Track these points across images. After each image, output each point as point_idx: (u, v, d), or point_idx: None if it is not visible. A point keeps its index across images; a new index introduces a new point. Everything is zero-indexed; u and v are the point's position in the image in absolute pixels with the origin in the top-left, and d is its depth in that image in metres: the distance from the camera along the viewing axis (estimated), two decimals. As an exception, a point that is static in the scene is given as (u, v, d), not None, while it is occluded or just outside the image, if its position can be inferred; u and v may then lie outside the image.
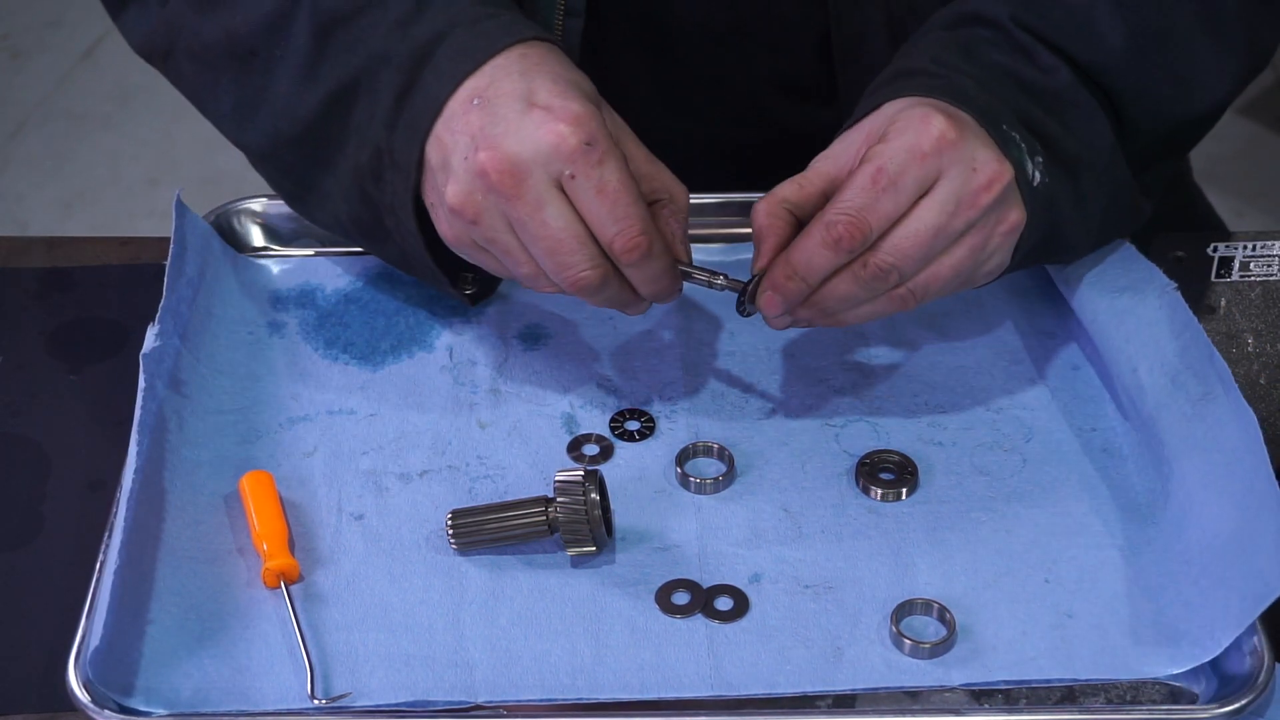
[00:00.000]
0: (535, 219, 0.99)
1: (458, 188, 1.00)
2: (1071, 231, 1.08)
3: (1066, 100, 1.07)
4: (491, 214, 1.00)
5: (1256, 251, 1.22)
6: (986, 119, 1.02)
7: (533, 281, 1.03)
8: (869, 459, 1.06)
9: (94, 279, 1.22)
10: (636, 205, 1.00)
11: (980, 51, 1.08)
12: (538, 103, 1.00)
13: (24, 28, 3.08)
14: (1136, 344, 1.07)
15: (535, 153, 0.98)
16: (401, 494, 1.05)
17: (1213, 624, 0.94)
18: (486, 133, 0.99)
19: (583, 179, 0.99)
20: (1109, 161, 1.09)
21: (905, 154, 0.99)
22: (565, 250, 1.00)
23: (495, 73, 1.02)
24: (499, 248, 1.02)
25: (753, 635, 0.97)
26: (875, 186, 0.98)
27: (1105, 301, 1.10)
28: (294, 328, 1.16)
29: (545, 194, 0.99)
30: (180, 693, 0.94)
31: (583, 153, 0.98)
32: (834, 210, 0.99)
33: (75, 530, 1.04)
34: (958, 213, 1.00)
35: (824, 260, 0.99)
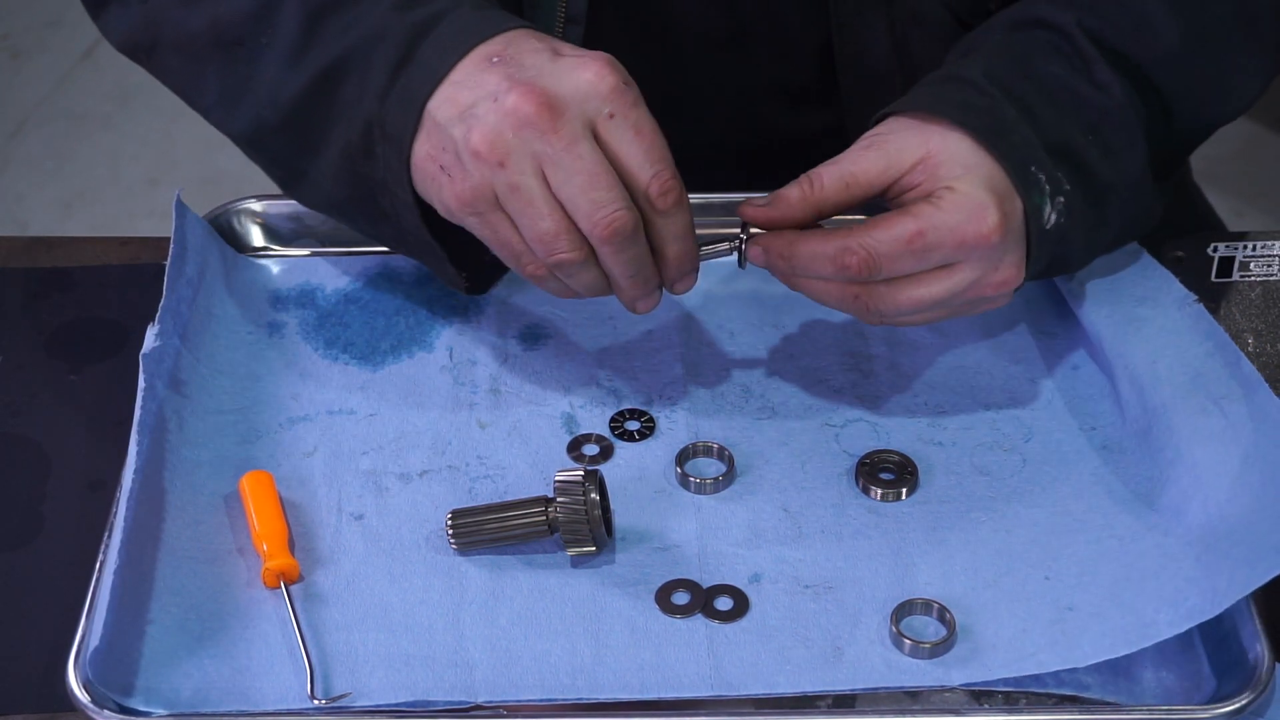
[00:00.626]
0: (572, 153, 0.97)
1: (484, 130, 0.98)
2: (1080, 254, 1.09)
3: (1115, 122, 1.07)
4: (521, 155, 0.98)
5: (1256, 251, 1.22)
6: (1016, 160, 1.02)
7: (547, 243, 0.99)
8: (869, 459, 1.06)
9: (94, 279, 1.22)
10: (667, 150, 0.99)
11: (1037, 63, 1.07)
12: (565, 53, 0.99)
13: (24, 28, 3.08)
14: (1158, 344, 1.07)
15: (574, 90, 0.98)
16: (401, 494, 1.05)
17: (1214, 589, 0.94)
18: (517, 77, 0.98)
19: (620, 118, 0.98)
20: (1138, 187, 1.09)
21: (949, 233, 1.00)
22: (602, 184, 0.97)
23: (510, 38, 1.01)
24: (522, 198, 0.98)
25: (752, 635, 0.97)
26: (909, 245, 0.99)
27: (1122, 310, 1.10)
28: (294, 328, 1.16)
29: (581, 131, 0.97)
30: (180, 693, 0.94)
31: (621, 91, 0.98)
32: (857, 240, 1.00)
33: (75, 530, 1.04)
34: (965, 293, 1.02)
35: (823, 269, 1.01)
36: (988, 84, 1.05)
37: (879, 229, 1.00)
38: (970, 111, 1.03)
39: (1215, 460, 1.00)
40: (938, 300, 1.02)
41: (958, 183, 1.01)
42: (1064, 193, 1.04)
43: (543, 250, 0.99)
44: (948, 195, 1.00)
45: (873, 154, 1.03)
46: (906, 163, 1.02)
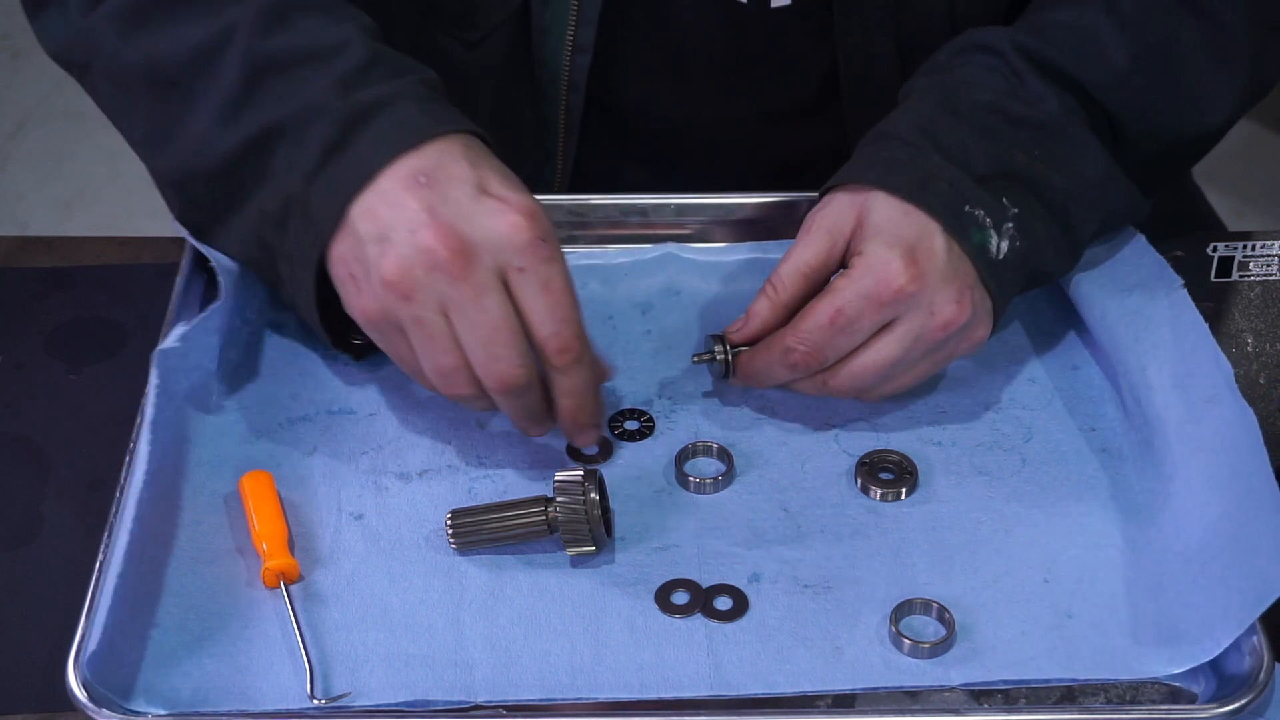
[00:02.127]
0: (477, 304, 0.97)
1: (397, 261, 0.98)
2: (1057, 263, 1.10)
3: (1054, 132, 1.08)
4: (427, 293, 0.98)
5: (1256, 251, 1.22)
6: (946, 204, 1.04)
7: (444, 376, 1.00)
8: (868, 459, 1.06)
9: (94, 279, 1.22)
10: (575, 310, 1.00)
11: (963, 96, 1.09)
12: (491, 192, 0.99)
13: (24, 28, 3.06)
14: (1146, 344, 1.07)
15: (488, 239, 0.98)
16: (401, 494, 1.05)
17: (1212, 624, 0.94)
18: (437, 211, 0.98)
19: (530, 273, 0.98)
20: (1102, 186, 1.10)
21: (864, 300, 1.02)
22: (501, 340, 0.98)
23: (440, 156, 1.00)
24: (424, 331, 0.99)
25: (752, 635, 0.97)
26: (833, 326, 1.03)
27: (1115, 301, 1.10)
28: (294, 328, 1.16)
29: (490, 281, 0.98)
30: (180, 692, 0.94)
31: (535, 246, 0.98)
32: (792, 337, 1.03)
33: (75, 530, 1.04)
34: (915, 346, 1.04)
35: (783, 374, 1.05)
36: (915, 134, 1.07)
37: (806, 319, 1.03)
38: (893, 169, 1.05)
39: (1206, 474, 1.00)
40: (894, 360, 1.04)
41: (866, 245, 1.04)
42: (1012, 218, 1.06)
43: (438, 382, 1.01)
44: (857, 262, 1.04)
45: (817, 237, 1.06)
46: (844, 234, 1.05)
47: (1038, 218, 1.07)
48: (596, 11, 1.20)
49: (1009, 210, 1.06)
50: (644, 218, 1.22)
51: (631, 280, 1.19)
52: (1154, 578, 0.99)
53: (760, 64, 1.26)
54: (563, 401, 1.02)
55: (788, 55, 1.25)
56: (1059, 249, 1.09)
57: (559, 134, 1.27)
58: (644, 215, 1.22)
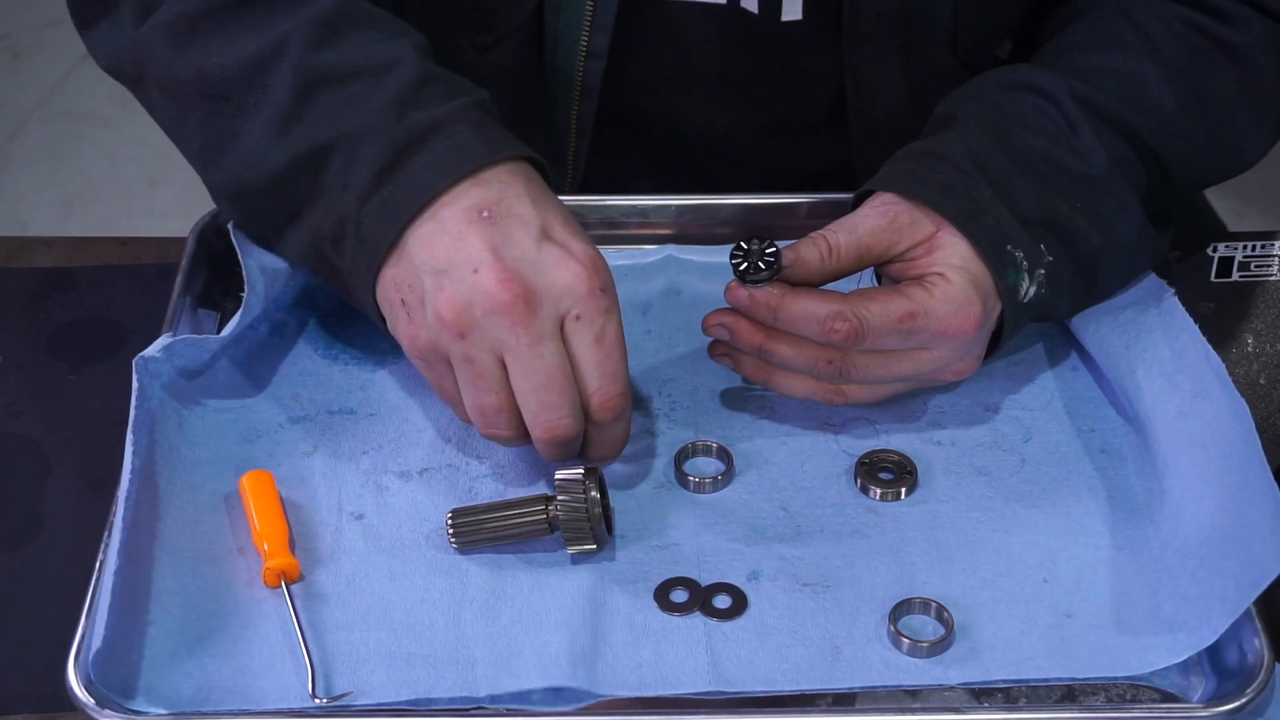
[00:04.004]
0: (534, 351, 0.97)
1: (454, 298, 0.98)
2: (1065, 312, 1.11)
3: (1100, 188, 1.08)
4: (484, 334, 0.98)
5: (1256, 251, 1.22)
6: (989, 242, 1.04)
7: (485, 416, 1.00)
8: (868, 458, 1.06)
9: (94, 279, 1.22)
10: (625, 365, 1.00)
11: (1017, 137, 1.08)
12: (554, 237, 0.99)
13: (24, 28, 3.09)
14: (1136, 350, 1.07)
15: (551, 287, 0.98)
16: (401, 492, 1.05)
17: (1209, 612, 0.94)
18: (501, 254, 0.97)
19: (586, 324, 0.98)
20: (1134, 247, 1.10)
21: (937, 321, 1.02)
22: (556, 390, 0.98)
23: (503, 190, 1.00)
24: (473, 370, 0.99)
25: (751, 633, 0.97)
26: (899, 325, 1.02)
27: (1109, 316, 1.10)
28: (294, 328, 1.16)
29: (549, 330, 0.98)
30: (181, 692, 0.94)
31: (595, 297, 0.98)
32: (851, 308, 1.01)
33: (75, 530, 1.04)
34: (928, 375, 1.05)
35: (806, 327, 1.02)
36: (967, 163, 1.06)
37: (875, 303, 1.02)
38: (946, 194, 1.05)
39: (1200, 468, 1.00)
40: (903, 376, 1.05)
41: (951, 273, 1.03)
42: (1045, 265, 1.06)
43: (478, 420, 1.01)
44: (940, 283, 1.03)
45: (884, 225, 1.05)
46: (914, 239, 1.04)
47: (1066, 270, 1.07)
48: (611, 19, 1.20)
49: (1044, 258, 1.06)
50: (644, 219, 1.23)
51: (632, 281, 1.19)
52: (1152, 574, 0.99)
53: (769, 77, 1.26)
54: (594, 450, 1.02)
55: (796, 69, 1.25)
56: (1074, 301, 1.10)
57: (570, 140, 1.27)
58: (644, 216, 1.23)
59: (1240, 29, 1.13)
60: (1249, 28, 1.13)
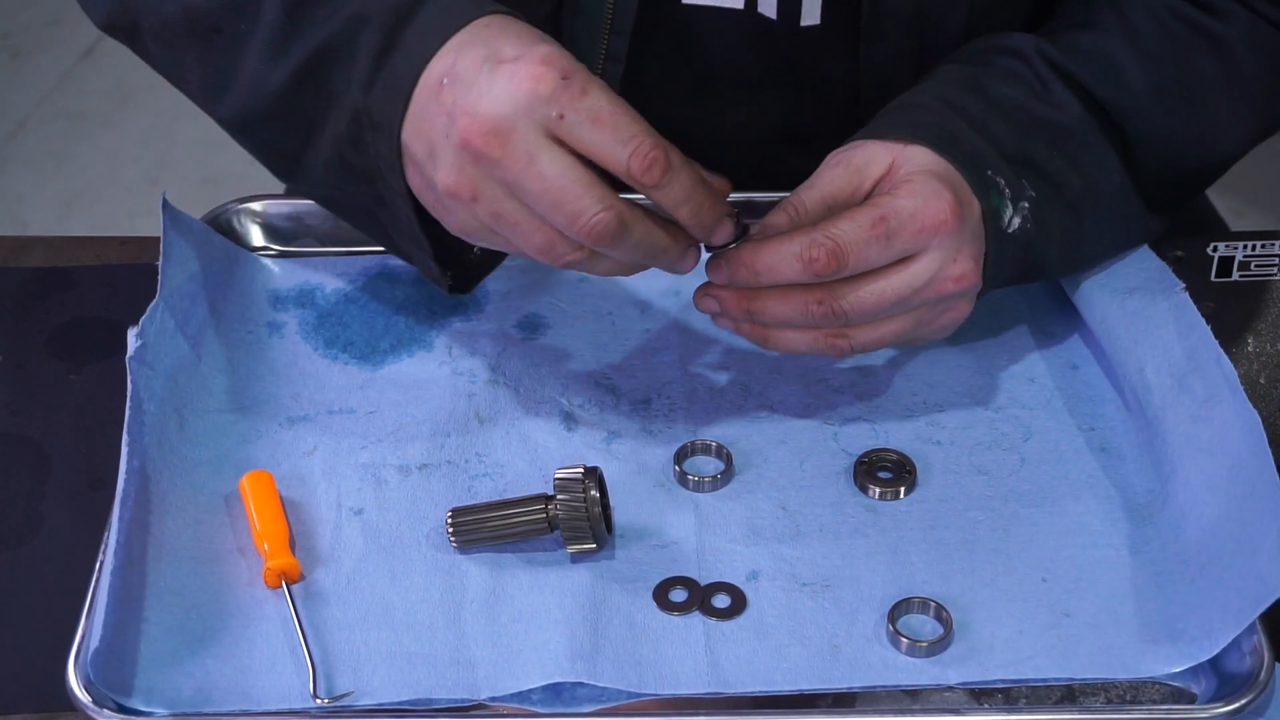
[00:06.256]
0: (530, 173, 0.94)
1: (447, 169, 0.97)
2: (1057, 265, 1.10)
3: (1076, 137, 1.08)
4: (488, 184, 0.96)
5: (1256, 251, 1.22)
6: (971, 163, 1.04)
7: (545, 253, 0.97)
8: (867, 458, 1.07)
9: (94, 279, 1.22)
10: (638, 121, 0.96)
11: (989, 87, 1.09)
12: (504, 58, 0.96)
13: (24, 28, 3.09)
14: (1145, 345, 1.07)
15: (514, 104, 0.94)
16: (401, 488, 1.05)
17: (1210, 623, 0.94)
18: (460, 103, 0.96)
19: (572, 115, 0.94)
20: (1118, 198, 1.10)
21: (910, 216, 1.00)
22: (570, 197, 0.94)
23: (460, 48, 0.98)
24: (506, 222, 0.97)
25: (750, 633, 0.97)
26: (872, 231, 1.00)
27: (1115, 303, 1.10)
28: (294, 328, 1.16)
29: (535, 145, 0.94)
30: (181, 692, 0.94)
31: (562, 88, 0.94)
32: (823, 232, 1.00)
33: (75, 530, 1.04)
34: (921, 290, 1.02)
35: (788, 271, 1.00)
36: (939, 104, 1.07)
37: (843, 220, 1.00)
38: (919, 128, 1.05)
39: (1206, 474, 1.00)
40: (900, 295, 1.02)
41: (915, 175, 1.02)
42: (1028, 199, 1.05)
43: (547, 259, 0.98)
44: (904, 185, 1.02)
45: (842, 172, 1.04)
46: (875, 174, 1.04)
47: (1054, 210, 1.06)
48: (630, 22, 1.19)
49: (1027, 191, 1.05)
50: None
51: (632, 280, 1.19)
52: (1152, 577, 0.99)
53: (785, 81, 1.26)
54: (681, 211, 0.97)
55: (813, 73, 1.25)
56: (1066, 247, 1.09)
57: None
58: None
59: (1226, 21, 1.13)
60: (1235, 21, 1.13)
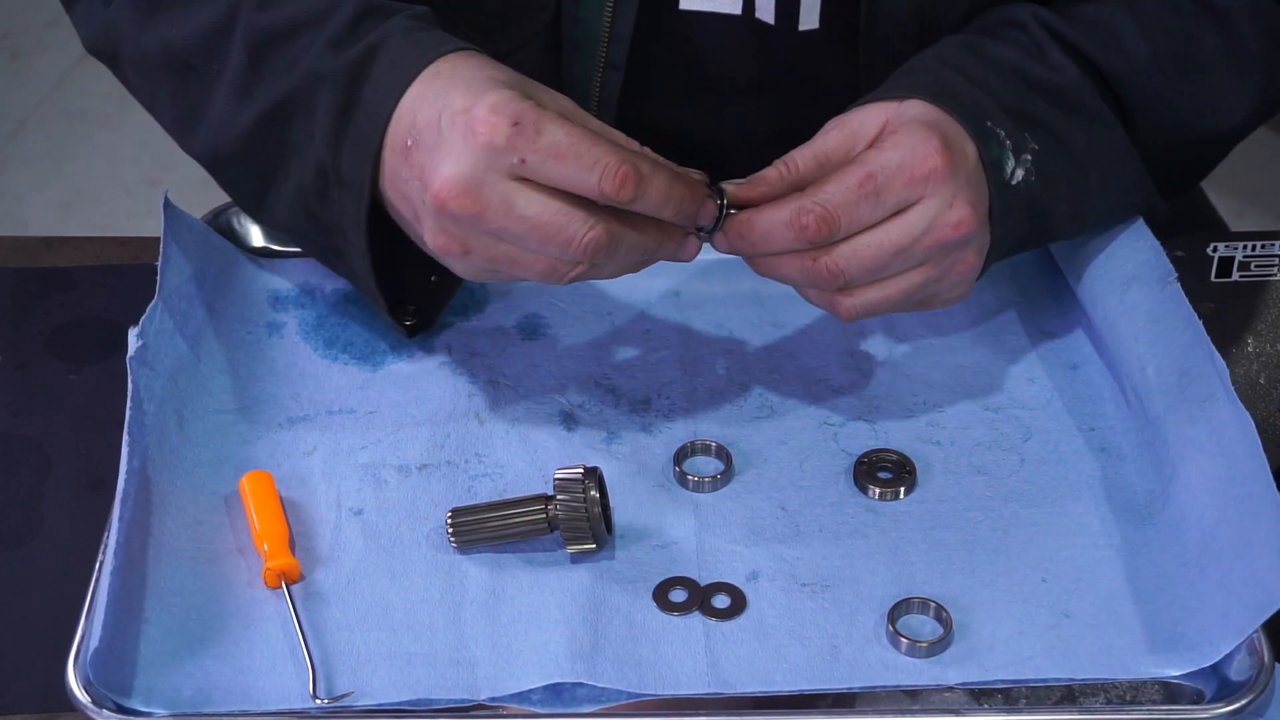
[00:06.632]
0: (511, 219, 0.96)
1: (432, 231, 0.99)
2: (1065, 223, 1.09)
3: (1072, 99, 1.08)
4: (475, 237, 0.98)
5: (1256, 251, 1.22)
6: (969, 114, 1.04)
7: (553, 274, 0.99)
8: (867, 458, 1.06)
9: (94, 279, 1.22)
10: (599, 144, 0.97)
11: (987, 49, 1.09)
12: (455, 111, 0.98)
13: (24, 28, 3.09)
14: (1145, 343, 1.07)
15: (474, 161, 0.96)
16: (400, 488, 1.05)
17: (1212, 630, 0.94)
18: (426, 167, 0.98)
19: (532, 157, 0.96)
20: (1123, 156, 1.10)
21: (897, 169, 1.00)
22: (555, 228, 0.96)
23: (415, 105, 1.00)
24: (504, 262, 0.99)
25: (750, 633, 0.97)
26: (860, 190, 0.99)
27: (1115, 296, 1.10)
28: (294, 328, 1.16)
29: (507, 192, 0.96)
30: (181, 693, 0.94)
31: (515, 134, 0.96)
32: (810, 199, 1.00)
33: (75, 530, 1.04)
34: (920, 240, 1.01)
35: (782, 240, 1.00)
36: (937, 64, 1.07)
37: (830, 182, 1.00)
38: (916, 85, 1.05)
39: (1205, 475, 1.00)
40: (901, 247, 1.00)
41: (901, 127, 1.02)
42: (1030, 150, 1.05)
43: (555, 280, 1.00)
44: (890, 138, 1.02)
45: (836, 133, 1.04)
46: (869, 133, 1.03)
47: (1058, 163, 1.06)
48: (629, 30, 1.19)
49: (1029, 144, 1.05)
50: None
51: (632, 280, 1.18)
52: (1152, 578, 0.99)
53: (785, 86, 1.26)
54: (664, 215, 0.99)
55: (812, 78, 1.25)
56: (1073, 203, 1.08)
57: None
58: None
59: None
60: None
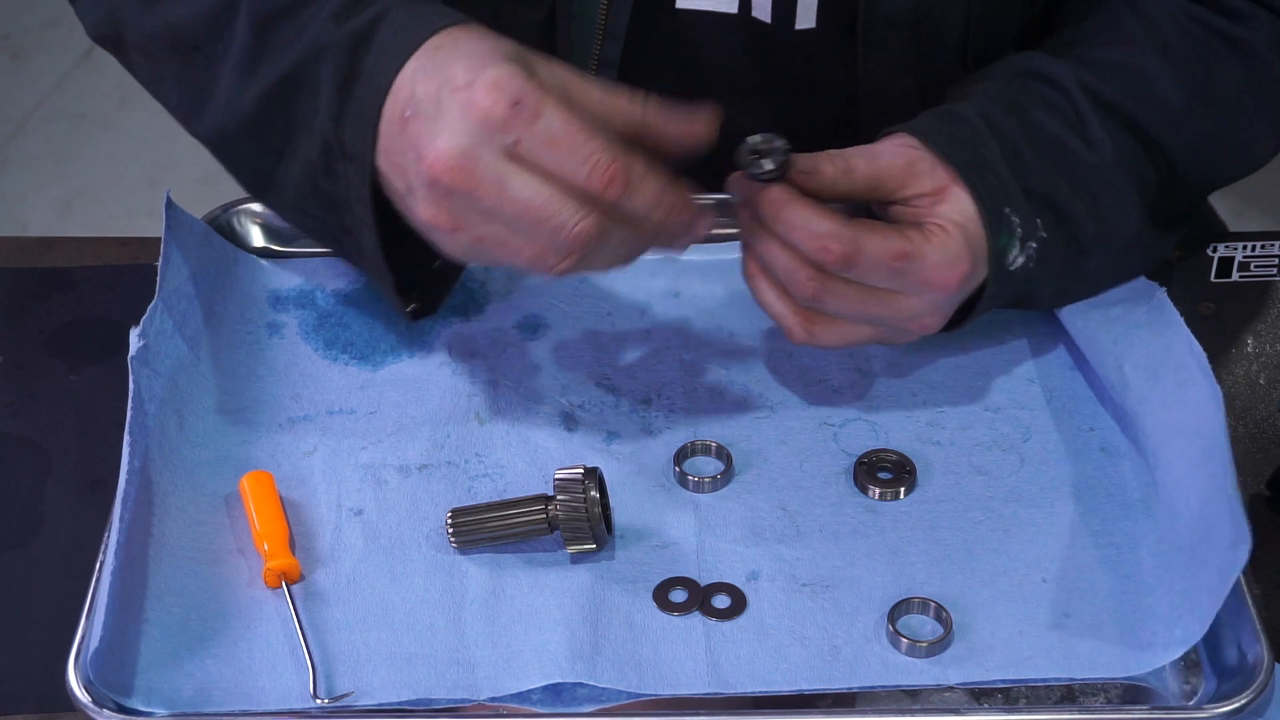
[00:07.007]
0: (503, 199, 0.95)
1: (424, 205, 0.97)
2: (1048, 300, 1.11)
3: (1103, 179, 1.08)
4: (466, 214, 0.97)
5: (1256, 251, 1.22)
6: (993, 199, 1.04)
7: (541, 261, 0.97)
8: (867, 458, 1.07)
9: (94, 279, 1.23)
10: (595, 138, 0.96)
11: (1030, 112, 1.09)
12: (456, 85, 0.96)
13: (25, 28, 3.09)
14: (1124, 344, 1.07)
15: (470, 135, 0.95)
16: (401, 488, 1.05)
17: (1197, 603, 0.94)
18: (423, 139, 0.97)
19: (527, 139, 0.95)
20: (1128, 245, 1.10)
21: (926, 269, 1.02)
22: (546, 214, 0.95)
23: (415, 77, 0.99)
24: (492, 243, 0.98)
25: (750, 633, 0.97)
26: (891, 264, 1.01)
27: (1098, 313, 1.10)
28: (294, 328, 1.16)
29: (502, 171, 0.95)
30: (181, 692, 0.94)
31: (514, 114, 0.95)
32: (851, 233, 1.00)
33: (75, 530, 1.04)
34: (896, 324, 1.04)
35: (800, 238, 1.01)
36: (981, 124, 1.06)
37: (875, 234, 1.01)
38: (956, 145, 1.05)
39: (1184, 459, 1.00)
40: (874, 319, 1.03)
41: (951, 227, 1.03)
42: (1037, 239, 1.05)
43: (541, 269, 0.98)
44: (938, 234, 1.03)
45: (902, 164, 1.04)
46: (922, 188, 1.04)
47: (1058, 253, 1.07)
48: (623, 27, 1.19)
49: (1038, 233, 1.06)
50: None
51: (632, 280, 1.19)
52: (1150, 574, 0.99)
53: (781, 85, 1.26)
54: (654, 217, 0.97)
55: (809, 78, 1.25)
56: (1059, 290, 1.10)
57: None
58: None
59: (1249, 26, 1.13)
60: (1257, 25, 1.13)
